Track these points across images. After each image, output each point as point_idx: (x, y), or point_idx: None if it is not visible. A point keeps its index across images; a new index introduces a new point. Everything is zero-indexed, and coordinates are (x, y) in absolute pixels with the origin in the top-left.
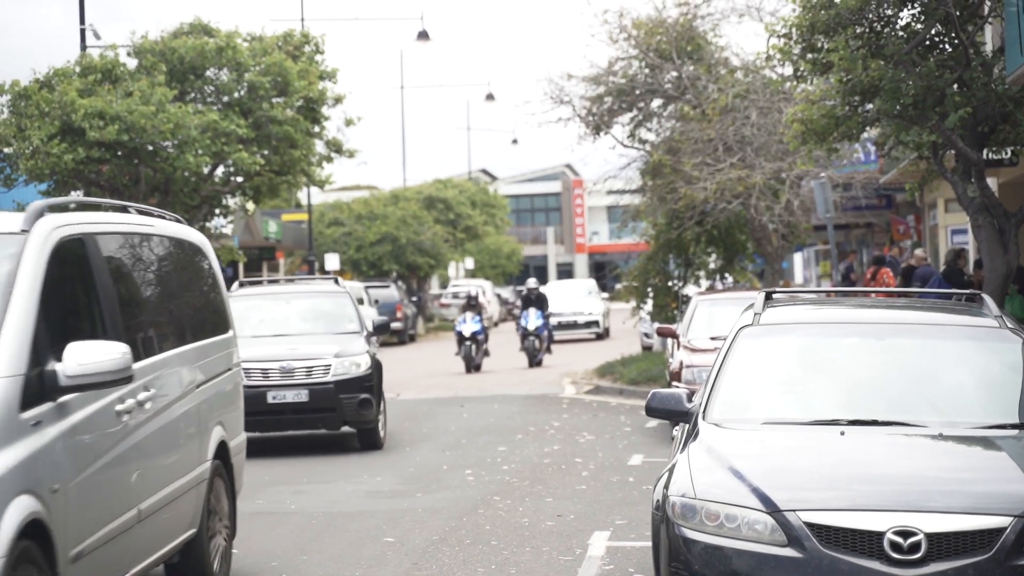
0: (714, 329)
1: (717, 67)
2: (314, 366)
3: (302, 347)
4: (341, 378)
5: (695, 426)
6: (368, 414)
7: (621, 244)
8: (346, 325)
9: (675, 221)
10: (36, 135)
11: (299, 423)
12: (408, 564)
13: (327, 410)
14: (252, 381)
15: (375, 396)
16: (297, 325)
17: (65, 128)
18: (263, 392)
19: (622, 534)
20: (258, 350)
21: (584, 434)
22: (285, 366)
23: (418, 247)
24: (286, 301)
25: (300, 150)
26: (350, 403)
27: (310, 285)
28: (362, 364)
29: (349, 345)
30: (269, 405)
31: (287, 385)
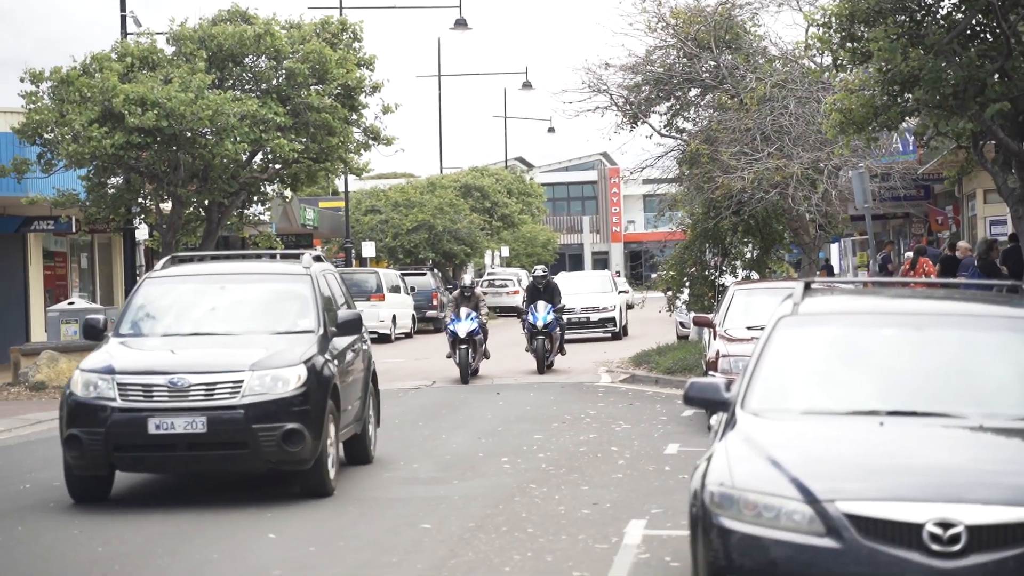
0: (751, 319)
1: (755, 56)
2: (218, 382)
3: (207, 354)
4: (256, 400)
5: (733, 416)
6: (296, 451)
7: (657, 233)
8: (296, 322)
9: (712, 210)
10: (77, 120)
11: (195, 462)
12: (444, 551)
13: (234, 445)
14: (129, 402)
15: (312, 424)
16: (226, 321)
17: (105, 114)
18: (142, 419)
19: (658, 523)
20: (144, 357)
21: (620, 423)
22: (176, 381)
23: (454, 235)
24: (219, 287)
25: (338, 137)
26: (269, 436)
27: (261, 265)
28: (291, 380)
29: (281, 352)
30: (150, 437)
31: (177, 409)
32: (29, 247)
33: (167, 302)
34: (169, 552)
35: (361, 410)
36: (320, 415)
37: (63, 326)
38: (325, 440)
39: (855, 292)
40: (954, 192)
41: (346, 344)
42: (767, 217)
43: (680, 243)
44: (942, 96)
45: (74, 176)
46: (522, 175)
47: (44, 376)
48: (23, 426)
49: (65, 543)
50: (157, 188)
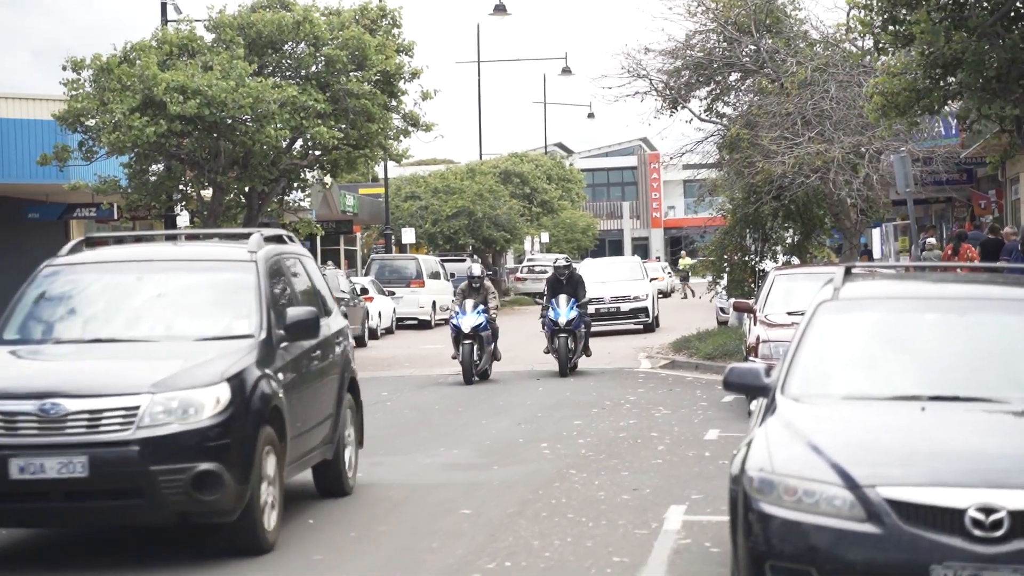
0: (791, 304)
1: (796, 40)
2: (104, 409)
3: (94, 370)
4: (157, 432)
5: (773, 401)
6: (212, 499)
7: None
8: (230, 324)
9: (752, 196)
10: (118, 108)
11: (75, 515)
12: (484, 536)
13: (125, 493)
14: None
15: (235, 462)
16: (138, 323)
17: (146, 102)
18: (2, 459)
19: (698, 508)
20: (9, 374)
21: (660, 408)
22: (48, 408)
23: (494, 221)
24: (136, 277)
25: (377, 124)
26: (173, 481)
27: (193, 249)
28: (206, 405)
29: (199, 366)
30: (13, 483)
31: (49, 446)
32: (72, 234)
33: (69, 298)
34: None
35: (332, 431)
36: (248, 450)
37: None
38: (257, 481)
39: (896, 277)
40: (997, 176)
41: (305, 350)
42: (808, 202)
43: (720, 228)
44: (985, 79)
45: (115, 163)
46: (562, 161)
47: None
48: None
49: (99, 532)
50: (198, 175)
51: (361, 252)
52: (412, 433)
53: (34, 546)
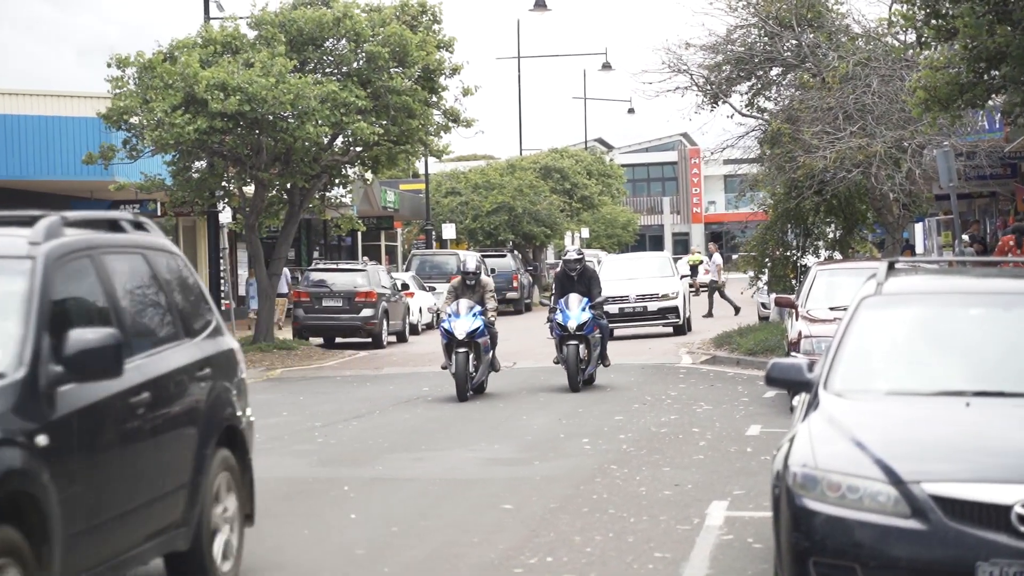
0: (833, 299)
1: (838, 35)
2: None
3: None
4: None
5: (816, 396)
6: None
7: (738, 214)
8: None
9: (794, 191)
10: (160, 106)
11: None
12: (526, 531)
13: None
14: None
15: None
16: None
17: (188, 99)
18: None
19: (740, 504)
20: None
21: (701, 404)
22: None
23: (534, 217)
24: None
25: (418, 120)
26: None
27: None
28: None
29: None
30: None
31: None
32: None
33: None
34: (255, 530)
35: (185, 510)
36: None
37: None
38: None
39: (940, 272)
40: None
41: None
42: (850, 197)
43: (762, 224)
44: None
45: (159, 161)
46: (602, 156)
47: None
48: None
49: None
50: (240, 172)
51: (402, 248)
52: (453, 428)
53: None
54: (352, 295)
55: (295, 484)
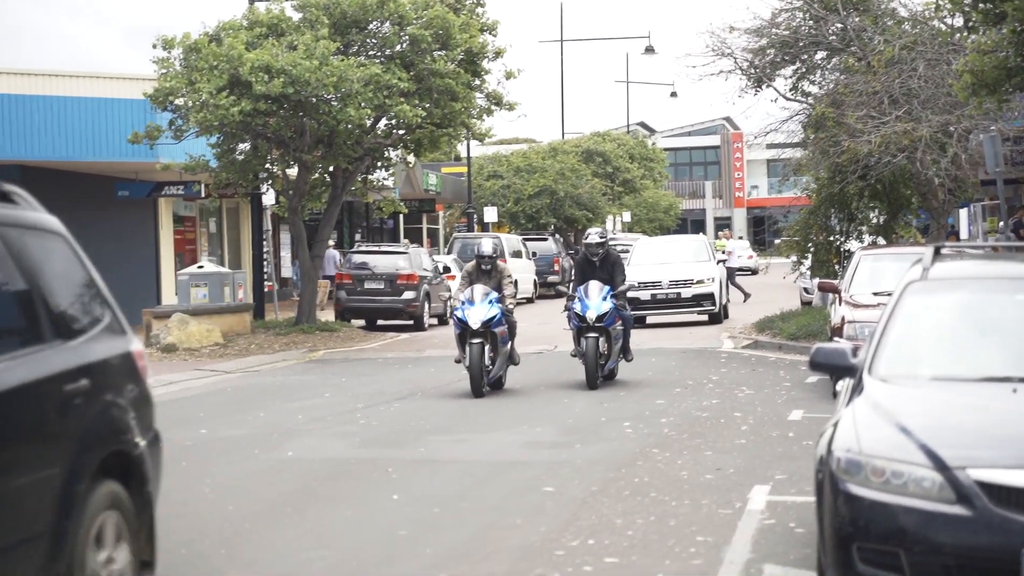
0: (877, 284)
1: (884, 18)
2: None
3: None
4: None
5: (860, 381)
6: None
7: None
8: None
9: (838, 175)
10: (205, 88)
11: None
12: (567, 514)
13: None
14: None
15: None
16: None
17: (233, 81)
18: None
19: (782, 489)
20: None
21: (743, 388)
22: None
23: (576, 200)
24: None
25: (461, 103)
26: None
27: None
28: None
29: None
30: None
31: None
32: (160, 212)
33: None
34: (299, 512)
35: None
36: None
37: (193, 289)
38: None
39: (986, 257)
40: None
41: None
42: (894, 182)
43: (805, 208)
44: None
45: (204, 142)
46: (644, 140)
47: (175, 338)
48: (155, 387)
49: (197, 501)
50: (284, 154)
51: (443, 231)
52: (494, 411)
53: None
54: (394, 277)
55: (337, 465)
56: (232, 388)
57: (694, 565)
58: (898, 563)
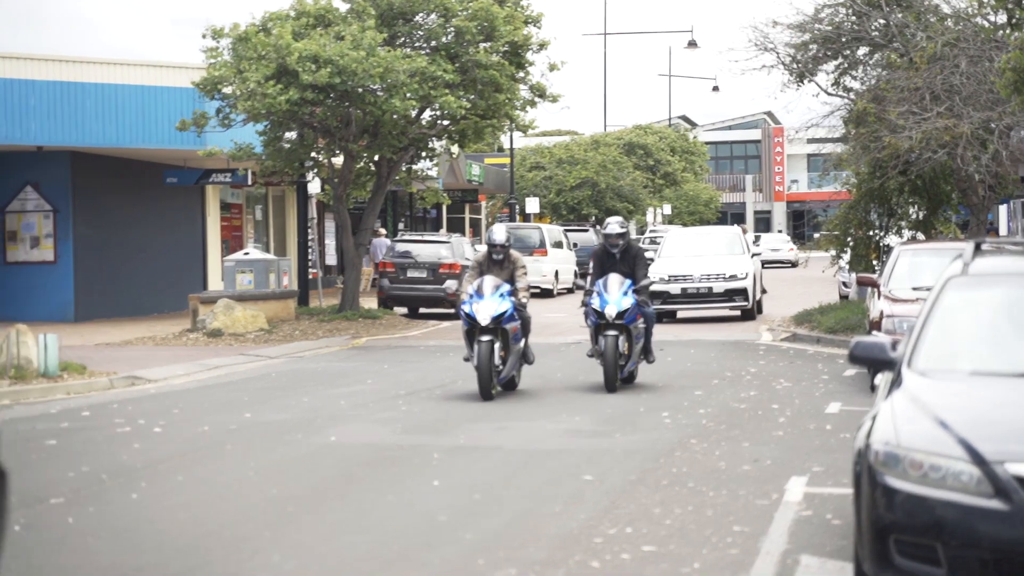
0: (916, 279)
1: (926, 14)
2: None
3: None
4: None
5: (899, 375)
6: None
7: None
8: None
9: (878, 170)
10: (253, 77)
11: None
12: (606, 502)
13: None
14: None
15: None
16: None
17: (280, 70)
18: None
19: (819, 481)
20: None
21: (781, 381)
22: None
23: (617, 192)
24: None
25: (505, 94)
26: None
27: None
28: None
29: None
30: None
31: None
32: (207, 199)
33: None
34: (341, 496)
35: None
36: None
37: (238, 275)
38: None
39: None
40: None
41: None
42: (935, 177)
43: (845, 203)
44: None
45: (251, 130)
46: (685, 133)
47: (220, 323)
48: (200, 371)
49: (241, 482)
50: (329, 143)
51: (485, 221)
52: (535, 399)
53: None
54: (436, 266)
55: (379, 451)
56: (276, 373)
57: (731, 555)
58: (935, 556)
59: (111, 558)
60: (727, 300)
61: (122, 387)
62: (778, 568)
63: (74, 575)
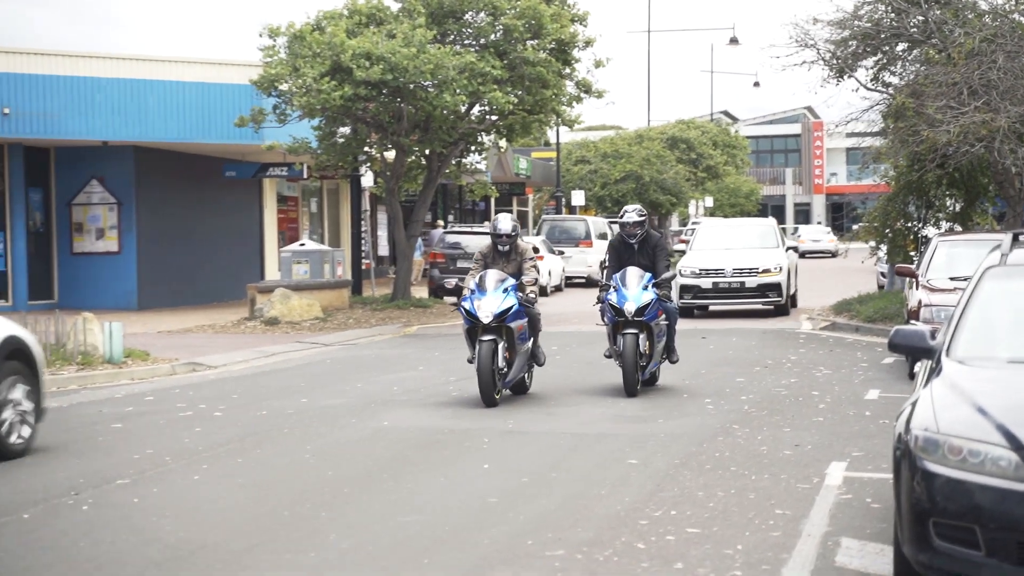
0: (953, 270)
1: (964, 11)
2: None
3: None
4: None
5: (938, 363)
6: None
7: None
8: None
9: (916, 163)
10: (308, 74)
11: None
12: (651, 485)
13: None
14: None
15: None
16: None
17: (335, 67)
18: None
19: (859, 465)
20: None
21: (821, 368)
22: None
23: (660, 185)
24: None
25: (551, 90)
26: None
27: None
28: None
29: None
30: None
31: None
32: (264, 192)
33: None
34: (394, 477)
35: None
36: None
37: (294, 266)
38: None
39: None
40: None
41: None
42: (972, 170)
43: (884, 195)
44: None
45: (307, 125)
46: (727, 128)
47: (277, 312)
48: (258, 358)
49: (298, 464)
50: (382, 138)
51: (533, 213)
52: (581, 385)
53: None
54: None
55: (431, 435)
56: (331, 360)
57: (773, 537)
58: (974, 539)
59: (176, 536)
60: (759, 295)
61: (183, 373)
62: (819, 550)
63: (142, 553)
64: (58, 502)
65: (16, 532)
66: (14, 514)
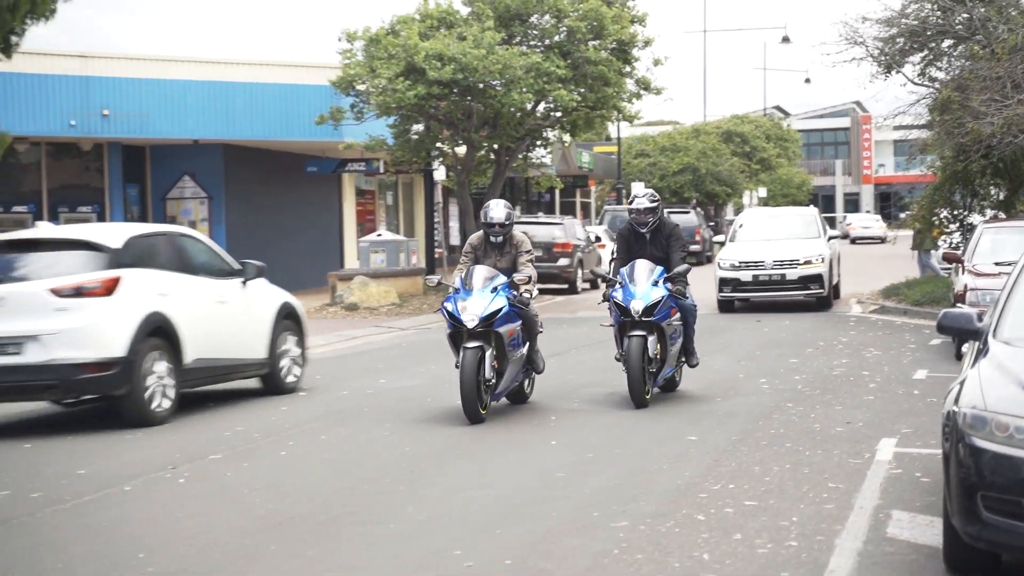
0: (998, 255)
1: (1008, 8)
2: None
3: None
4: None
5: (985, 344)
6: None
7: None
8: None
9: (961, 154)
10: (384, 74)
11: None
12: (709, 460)
13: None
14: None
15: None
16: None
17: (409, 68)
18: None
19: (908, 441)
20: None
21: (871, 349)
22: None
23: (716, 177)
24: None
25: (613, 88)
26: None
27: None
28: None
29: None
30: None
31: None
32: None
33: None
34: (467, 454)
35: None
36: None
37: (372, 255)
38: None
39: None
40: None
41: None
42: (1016, 160)
43: (930, 185)
44: None
45: (382, 123)
46: (779, 122)
47: (356, 298)
48: (339, 341)
49: (377, 441)
50: (453, 134)
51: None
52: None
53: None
54: (551, 245)
55: (501, 412)
56: (407, 343)
57: (827, 509)
58: (1020, 511)
59: (265, 508)
60: (801, 287)
61: None
62: (871, 522)
63: (234, 523)
64: (157, 475)
65: (119, 503)
66: (116, 486)
